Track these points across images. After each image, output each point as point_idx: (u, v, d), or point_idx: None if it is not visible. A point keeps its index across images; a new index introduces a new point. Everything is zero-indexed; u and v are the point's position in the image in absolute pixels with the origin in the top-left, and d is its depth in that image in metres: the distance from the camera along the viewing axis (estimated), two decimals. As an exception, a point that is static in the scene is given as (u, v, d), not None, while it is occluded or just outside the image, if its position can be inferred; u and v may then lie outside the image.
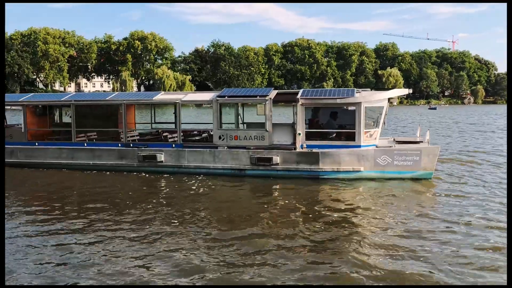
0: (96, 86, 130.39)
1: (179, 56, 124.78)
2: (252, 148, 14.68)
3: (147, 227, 9.23)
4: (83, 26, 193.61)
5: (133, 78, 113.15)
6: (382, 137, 15.51)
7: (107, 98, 16.53)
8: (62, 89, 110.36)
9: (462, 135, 31.78)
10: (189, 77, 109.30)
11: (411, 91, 16.31)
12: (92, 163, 15.85)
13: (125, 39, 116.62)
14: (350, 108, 14.94)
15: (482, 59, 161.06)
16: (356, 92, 14.52)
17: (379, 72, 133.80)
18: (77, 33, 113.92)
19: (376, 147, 14.45)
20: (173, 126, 18.31)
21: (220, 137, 14.96)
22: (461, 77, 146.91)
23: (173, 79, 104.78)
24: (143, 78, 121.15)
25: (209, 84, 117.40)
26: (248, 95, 15.43)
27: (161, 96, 16.40)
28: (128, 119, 17.97)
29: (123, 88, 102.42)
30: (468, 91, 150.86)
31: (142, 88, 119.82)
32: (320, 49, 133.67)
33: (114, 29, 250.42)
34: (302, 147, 14.45)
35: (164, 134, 18.38)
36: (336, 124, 15.09)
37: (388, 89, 16.82)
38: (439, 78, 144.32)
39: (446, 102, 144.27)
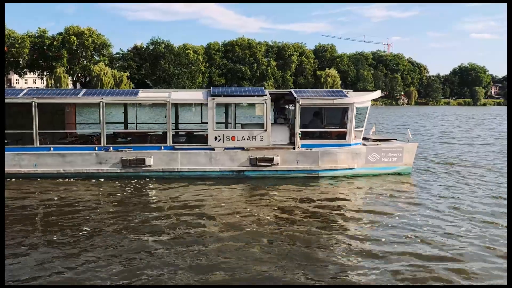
0: (29, 82, 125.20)
1: (117, 53, 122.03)
2: (251, 148, 14.40)
3: (141, 235, 8.96)
4: (13, 19, 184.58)
5: (68, 75, 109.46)
6: None
7: (80, 96, 14.53)
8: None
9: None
10: (127, 74, 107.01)
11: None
12: (63, 170, 13.95)
13: (60, 34, 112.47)
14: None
15: (415, 61, 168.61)
16: (347, 93, 15.06)
17: (318, 72, 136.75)
18: (7, 26, 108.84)
19: (364, 145, 15.14)
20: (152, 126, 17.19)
21: (216, 138, 14.34)
22: (395, 78, 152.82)
23: (111, 77, 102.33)
24: (79, 75, 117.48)
25: (148, 82, 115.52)
26: (245, 94, 14.98)
27: (145, 94, 15.33)
28: (69, 119, 16.91)
29: (58, 85, 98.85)
30: (402, 93, 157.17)
31: (78, 85, 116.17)
32: (261, 48, 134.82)
33: (46, 24, 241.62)
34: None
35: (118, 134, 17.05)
36: (321, 123, 15.48)
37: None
38: (375, 79, 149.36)
39: (382, 103, 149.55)
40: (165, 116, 14.50)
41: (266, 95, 14.62)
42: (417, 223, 10.03)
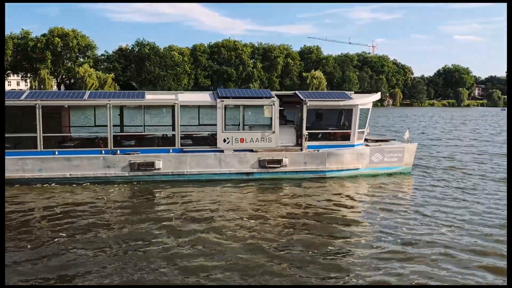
0: (12, 84, 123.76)
1: (102, 55, 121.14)
2: (260, 150, 14.41)
3: (152, 238, 8.98)
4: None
5: (52, 77, 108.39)
6: None
7: (85, 98, 14.13)
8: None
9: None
10: (111, 75, 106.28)
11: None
12: (69, 174, 13.55)
13: (43, 35, 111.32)
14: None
15: (400, 63, 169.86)
16: (350, 95, 15.24)
17: (304, 74, 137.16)
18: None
19: (367, 145, 15.41)
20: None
21: (225, 140, 14.31)
22: (380, 80, 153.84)
23: (96, 78, 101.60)
24: (64, 76, 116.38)
25: (134, 84, 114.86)
26: (253, 96, 15.00)
27: (152, 96, 15.04)
28: (64, 122, 16.60)
29: (42, 87, 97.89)
30: (387, 94, 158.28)
31: (62, 87, 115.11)
32: (246, 50, 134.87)
33: (30, 25, 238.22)
34: None
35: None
36: (323, 124, 15.62)
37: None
38: (360, 81, 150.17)
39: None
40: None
41: (274, 97, 14.71)
42: (420, 223, 10.21)
